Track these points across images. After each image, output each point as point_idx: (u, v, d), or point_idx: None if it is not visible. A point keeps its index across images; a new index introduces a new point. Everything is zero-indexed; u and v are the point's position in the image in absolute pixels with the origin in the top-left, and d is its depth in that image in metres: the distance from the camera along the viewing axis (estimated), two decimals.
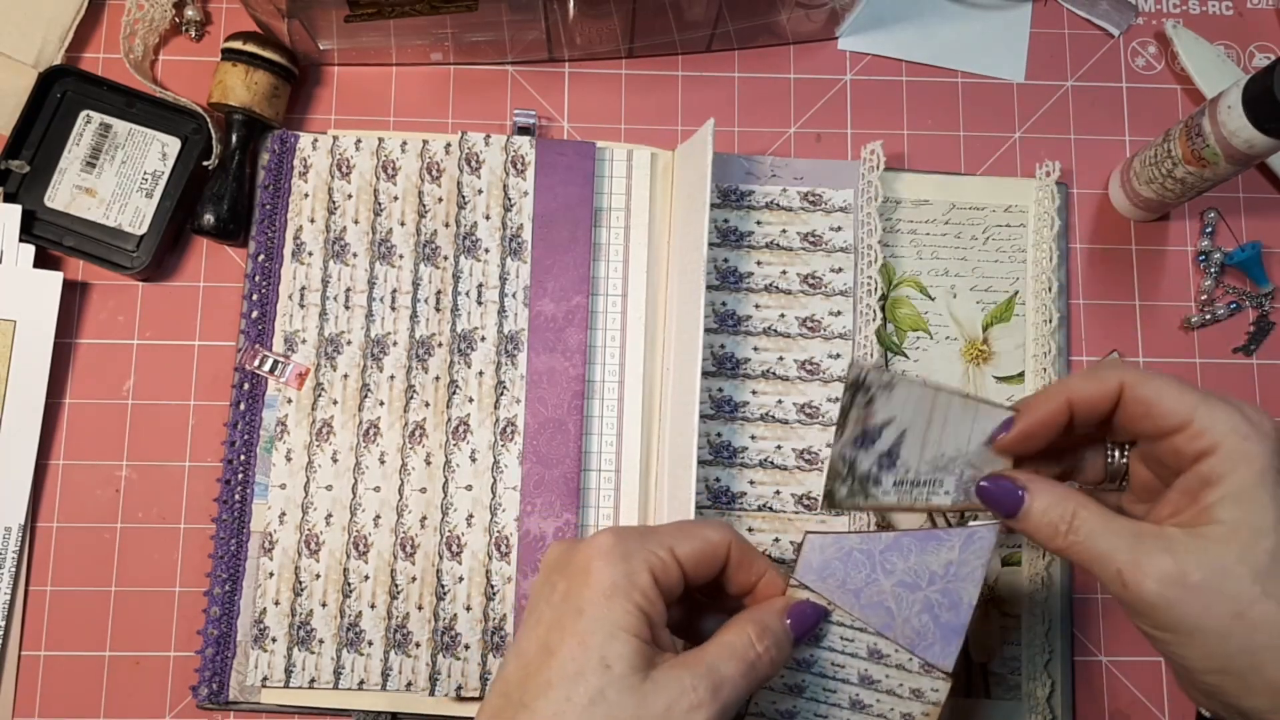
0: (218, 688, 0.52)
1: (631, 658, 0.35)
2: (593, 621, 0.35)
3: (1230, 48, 0.61)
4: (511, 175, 0.56)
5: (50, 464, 0.55)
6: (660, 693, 0.34)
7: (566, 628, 0.35)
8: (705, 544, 0.38)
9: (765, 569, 0.40)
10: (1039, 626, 0.54)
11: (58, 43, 0.57)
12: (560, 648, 0.35)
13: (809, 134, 0.60)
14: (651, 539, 0.37)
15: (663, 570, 0.37)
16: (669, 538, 0.38)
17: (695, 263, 0.53)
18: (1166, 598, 0.34)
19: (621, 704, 0.34)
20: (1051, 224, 0.58)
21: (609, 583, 0.36)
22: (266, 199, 0.57)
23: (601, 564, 0.36)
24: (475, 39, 0.57)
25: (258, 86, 0.55)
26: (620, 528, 0.39)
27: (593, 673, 0.34)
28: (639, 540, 0.37)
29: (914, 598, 0.40)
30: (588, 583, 0.36)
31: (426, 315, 0.56)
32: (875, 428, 0.42)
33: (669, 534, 0.38)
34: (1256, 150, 0.49)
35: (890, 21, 0.61)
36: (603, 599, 0.35)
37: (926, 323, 0.57)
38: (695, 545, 0.38)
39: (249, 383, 0.55)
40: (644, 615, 0.36)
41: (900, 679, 0.41)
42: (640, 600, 0.36)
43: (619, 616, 0.35)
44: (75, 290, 0.57)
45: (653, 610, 0.36)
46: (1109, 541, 0.35)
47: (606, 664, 0.34)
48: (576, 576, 0.36)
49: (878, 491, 0.42)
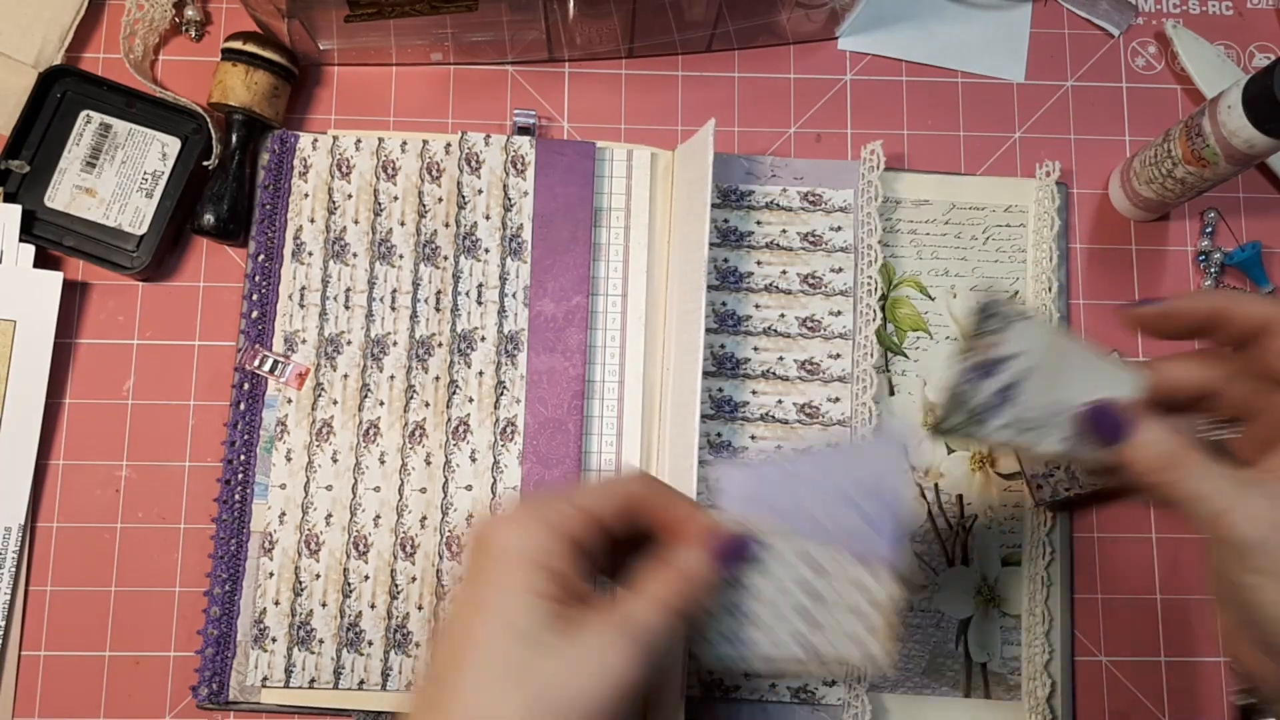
0: (218, 688, 0.52)
1: (546, 620, 0.34)
2: (502, 592, 0.35)
3: (1230, 48, 0.61)
4: (511, 175, 0.56)
5: (50, 464, 0.55)
6: (580, 650, 0.34)
7: (479, 603, 0.35)
8: (617, 494, 0.38)
9: (688, 509, 0.39)
10: (1039, 626, 0.54)
11: (58, 43, 0.57)
12: (475, 623, 0.34)
13: (809, 134, 0.60)
14: (554, 497, 0.37)
15: (570, 527, 0.36)
16: (574, 492, 0.37)
17: (695, 263, 0.53)
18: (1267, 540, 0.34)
19: (541, 668, 0.33)
20: (1051, 224, 0.58)
21: (514, 550, 0.35)
22: (266, 199, 0.57)
23: (505, 533, 0.35)
24: (475, 39, 0.57)
25: (258, 86, 0.55)
26: (526, 496, 0.38)
27: (510, 643, 0.34)
28: (543, 503, 0.37)
29: (844, 510, 0.39)
30: (493, 554, 0.35)
31: (426, 315, 0.56)
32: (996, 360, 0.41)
33: (575, 489, 0.38)
34: (1256, 150, 0.49)
35: (890, 21, 0.61)
36: (510, 568, 0.35)
37: (926, 323, 0.57)
38: (604, 496, 0.37)
39: (249, 383, 0.55)
40: (556, 575, 0.35)
41: (848, 590, 0.40)
42: (549, 562, 0.35)
43: (528, 582, 0.34)
44: (75, 290, 0.57)
45: (565, 568, 0.35)
46: (1211, 483, 0.35)
47: (525, 635, 0.34)
48: (485, 551, 0.36)
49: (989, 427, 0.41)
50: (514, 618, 0.34)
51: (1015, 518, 0.55)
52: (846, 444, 0.40)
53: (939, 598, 0.55)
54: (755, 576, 0.40)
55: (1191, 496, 0.35)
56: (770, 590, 0.40)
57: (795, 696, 0.53)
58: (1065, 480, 0.54)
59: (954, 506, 0.56)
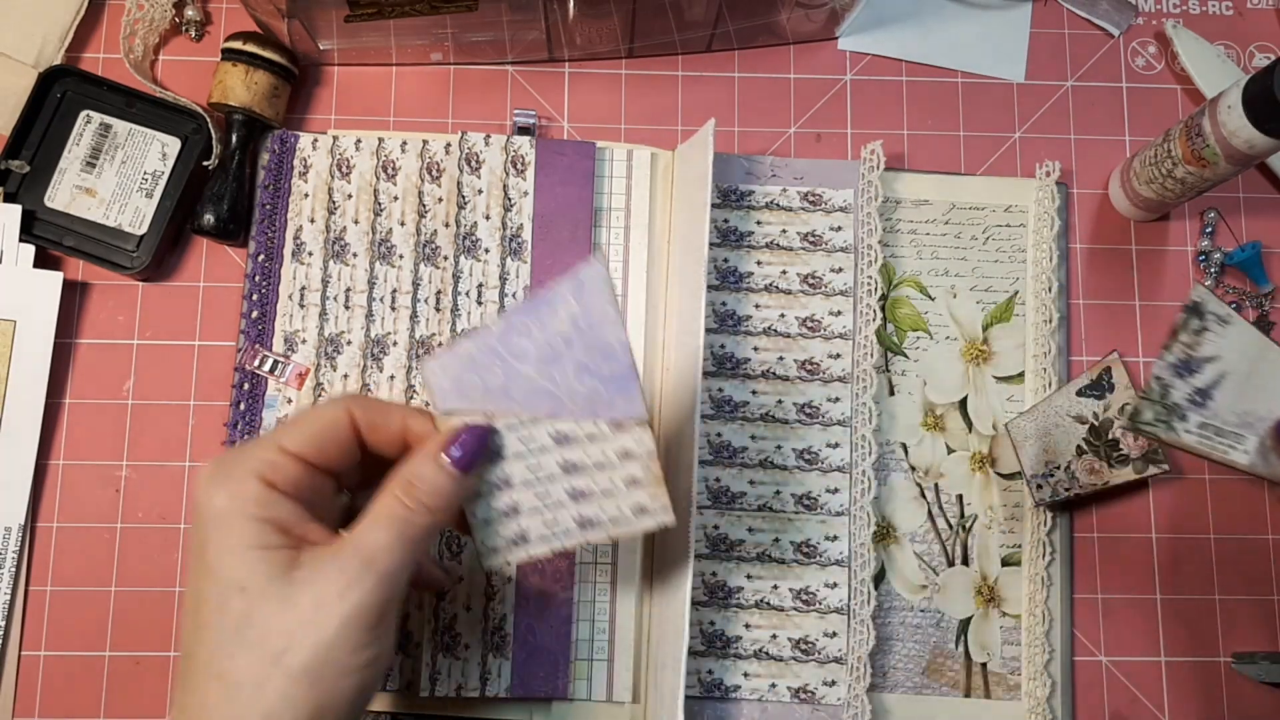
0: None
1: (266, 569, 0.34)
2: (214, 551, 0.34)
3: (1230, 48, 0.61)
4: (511, 175, 0.56)
5: (50, 464, 0.55)
6: (306, 588, 0.33)
7: (199, 566, 0.34)
8: (320, 425, 0.37)
9: (404, 417, 0.38)
10: (1039, 626, 0.54)
11: (58, 43, 0.57)
12: (202, 587, 0.34)
13: (809, 134, 0.60)
14: (255, 445, 0.36)
15: (273, 470, 0.35)
16: (275, 435, 0.36)
17: (695, 263, 0.53)
18: None
19: (267, 617, 0.33)
20: (1051, 224, 0.58)
21: (217, 507, 0.34)
22: (266, 199, 0.57)
23: (206, 491, 0.35)
24: (475, 39, 0.57)
25: (258, 86, 0.55)
26: (224, 452, 0.37)
27: (233, 598, 0.33)
28: (240, 453, 0.36)
29: (562, 368, 0.37)
30: (200, 515, 0.35)
31: (426, 315, 0.56)
32: (1199, 360, 0.40)
33: (276, 432, 0.37)
34: (1256, 150, 0.49)
35: (890, 21, 0.61)
36: (216, 526, 0.34)
37: (926, 323, 0.57)
38: (307, 431, 0.36)
39: (249, 383, 0.55)
40: (266, 523, 0.34)
41: (600, 449, 0.38)
42: (255, 510, 0.34)
43: (238, 536, 0.34)
44: (75, 290, 0.57)
45: (277, 514, 0.35)
46: None
47: (241, 586, 0.33)
48: (194, 515, 0.35)
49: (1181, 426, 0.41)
50: (234, 574, 0.34)
51: (1015, 518, 0.56)
52: (542, 294, 0.36)
53: (939, 598, 0.55)
54: (502, 467, 0.38)
55: None
56: (525, 475, 0.38)
57: (795, 696, 0.53)
58: (1065, 480, 0.54)
59: (954, 506, 0.56)
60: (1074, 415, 0.54)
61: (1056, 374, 0.56)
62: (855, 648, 0.53)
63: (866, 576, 0.54)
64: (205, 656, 0.33)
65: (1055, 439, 0.54)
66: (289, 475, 0.36)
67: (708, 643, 0.53)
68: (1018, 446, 0.55)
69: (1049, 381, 0.56)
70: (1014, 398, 0.57)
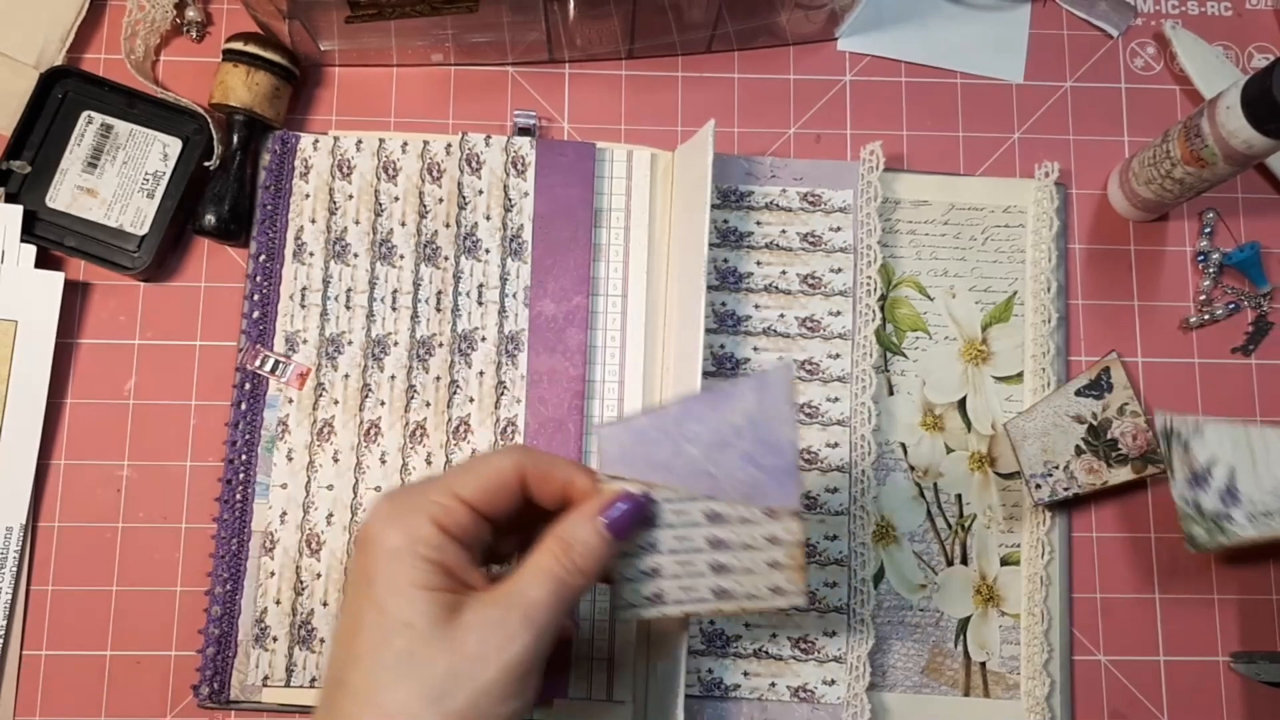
0: (219, 687, 0.52)
1: (431, 610, 0.34)
2: (383, 586, 0.35)
3: (1229, 48, 0.62)
4: (512, 176, 0.57)
5: (51, 464, 0.55)
6: (470, 634, 0.34)
7: (363, 599, 0.35)
8: (491, 475, 0.37)
9: (569, 472, 0.39)
10: (1038, 626, 0.54)
11: (59, 43, 0.58)
12: (363, 619, 0.35)
13: (809, 134, 0.60)
14: (430, 488, 0.37)
15: (446, 515, 0.36)
16: (449, 481, 0.37)
17: (695, 263, 0.53)
18: None
19: (431, 657, 0.34)
20: (1050, 224, 0.58)
21: (391, 545, 0.35)
22: (267, 199, 0.57)
23: (380, 528, 0.36)
24: (476, 40, 0.57)
25: (259, 87, 0.55)
26: (397, 488, 0.38)
27: (397, 635, 0.34)
28: (416, 494, 0.37)
29: (728, 455, 0.39)
30: (371, 550, 0.36)
31: (427, 315, 0.56)
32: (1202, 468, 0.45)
33: (450, 477, 0.37)
34: (1255, 151, 0.49)
35: (890, 22, 0.61)
36: (388, 562, 0.35)
37: (925, 323, 0.57)
38: (480, 480, 0.37)
39: (250, 383, 0.55)
40: (435, 566, 0.35)
41: (749, 531, 0.39)
42: (427, 553, 0.35)
43: (408, 574, 0.35)
44: (76, 290, 0.57)
45: (445, 558, 0.36)
46: None
47: (408, 623, 0.34)
48: (363, 547, 0.36)
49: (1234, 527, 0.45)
50: (401, 612, 0.34)
51: (1014, 517, 0.56)
52: (725, 387, 0.38)
53: (939, 597, 0.55)
54: (653, 534, 0.39)
55: None
56: (672, 543, 0.39)
57: (795, 696, 0.53)
58: (1064, 480, 0.54)
59: (953, 506, 0.56)
60: (1073, 415, 0.55)
61: (1055, 374, 0.56)
62: (855, 647, 0.54)
63: (866, 576, 0.54)
64: (361, 685, 0.34)
65: (1054, 439, 0.54)
66: (459, 521, 0.37)
67: (707, 641, 0.54)
68: (1016, 446, 0.55)
69: (1048, 381, 0.56)
70: (1013, 398, 0.57)
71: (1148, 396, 0.57)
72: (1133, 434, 0.54)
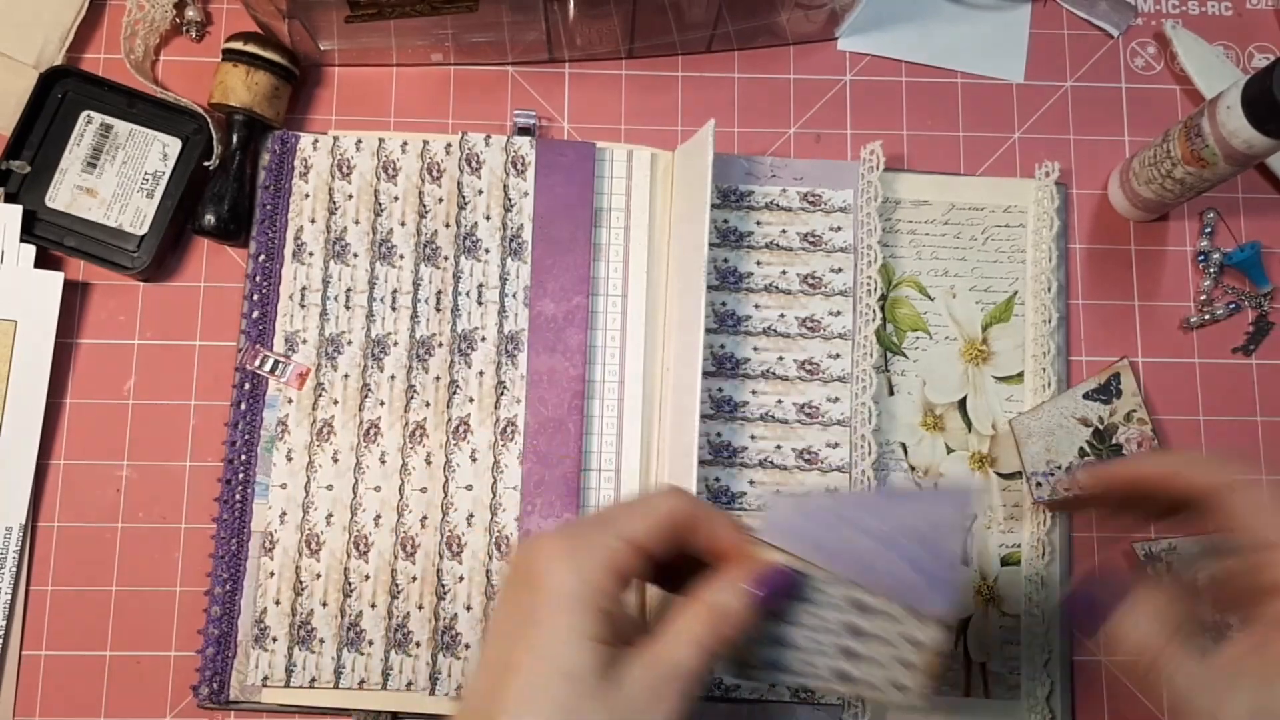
0: (218, 687, 0.52)
1: (593, 664, 0.34)
2: (551, 633, 0.34)
3: (1229, 48, 0.62)
4: (512, 175, 0.57)
5: (51, 464, 0.55)
6: (628, 697, 0.34)
7: (526, 640, 0.35)
8: (659, 518, 0.37)
9: (731, 534, 0.39)
10: (1038, 626, 0.54)
11: (58, 43, 0.57)
12: (522, 661, 0.34)
13: (809, 134, 0.60)
14: (602, 530, 0.36)
15: (619, 563, 0.36)
16: (620, 522, 0.36)
17: (695, 263, 0.53)
18: None
19: (586, 711, 0.33)
20: (1051, 224, 0.58)
21: (565, 591, 0.35)
22: (267, 199, 0.57)
23: (553, 567, 0.35)
24: (475, 39, 0.57)
25: (258, 87, 0.55)
26: (567, 525, 0.37)
27: (556, 685, 0.34)
28: (590, 535, 0.36)
29: (893, 554, 0.38)
30: (542, 591, 0.35)
31: (427, 315, 0.56)
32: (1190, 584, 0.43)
33: (619, 518, 0.37)
34: (1255, 150, 0.49)
35: (890, 22, 0.61)
36: (559, 608, 0.34)
37: (926, 323, 0.57)
38: (648, 523, 0.37)
39: (250, 383, 0.55)
40: (605, 616, 0.35)
41: (891, 627, 0.39)
42: (601, 602, 0.35)
43: (577, 624, 0.34)
44: (76, 290, 0.57)
45: (615, 609, 0.35)
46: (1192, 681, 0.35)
47: (568, 674, 0.34)
48: (532, 585, 0.35)
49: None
50: (563, 661, 0.34)
51: (1014, 517, 0.56)
52: (908, 490, 0.39)
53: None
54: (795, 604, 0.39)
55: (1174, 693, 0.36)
56: (810, 621, 0.39)
57: (795, 696, 0.53)
58: (1065, 480, 0.54)
59: None
60: (1079, 417, 0.55)
61: (1055, 374, 0.56)
62: None
63: None
64: None
65: (1058, 439, 0.54)
66: (628, 569, 0.36)
67: None
68: (1020, 444, 0.55)
69: (1048, 382, 0.56)
70: (1013, 398, 0.57)
71: (1149, 397, 0.57)
72: (1138, 441, 0.54)
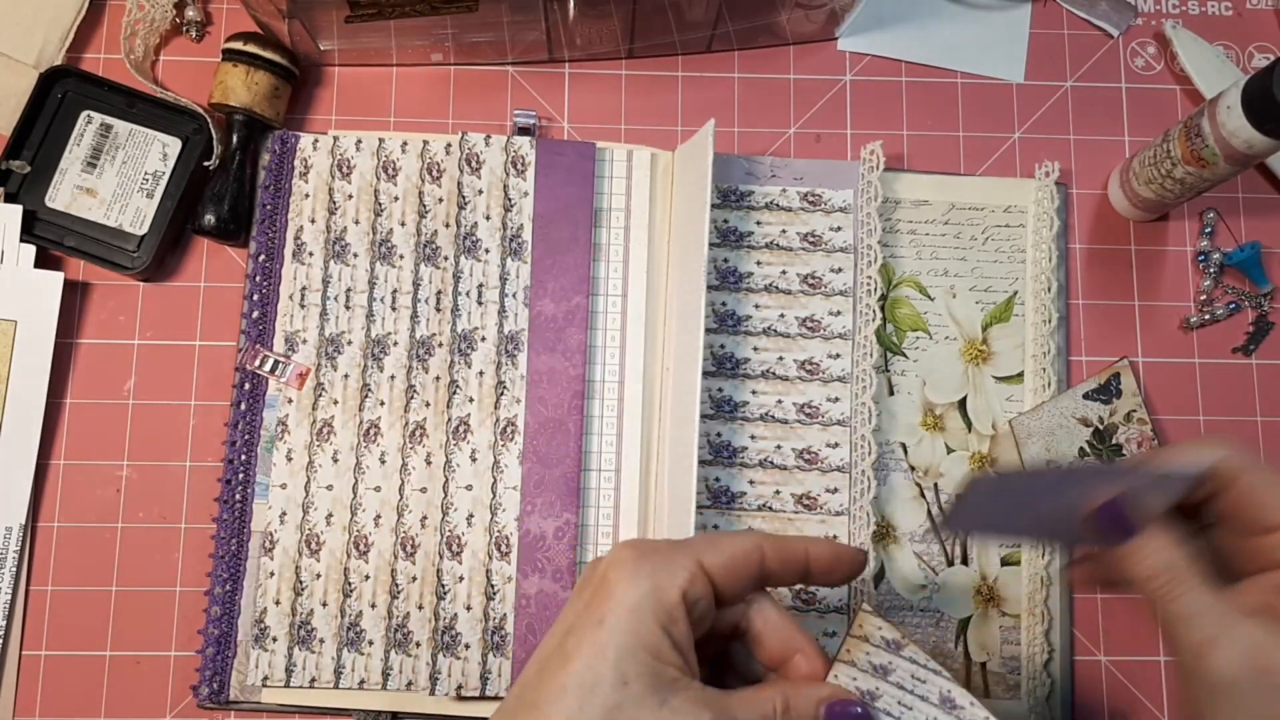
0: (218, 687, 0.52)
1: (649, 678, 0.34)
2: (612, 634, 0.34)
3: (1229, 48, 0.62)
4: (512, 175, 0.57)
5: (51, 464, 0.55)
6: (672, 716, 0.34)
7: (585, 636, 0.35)
8: (737, 554, 0.37)
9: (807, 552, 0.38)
10: (1039, 626, 0.54)
11: (58, 43, 0.57)
12: (577, 655, 0.34)
13: (809, 134, 0.60)
14: (680, 551, 0.36)
15: (692, 585, 0.36)
16: (698, 549, 0.37)
17: (695, 263, 0.53)
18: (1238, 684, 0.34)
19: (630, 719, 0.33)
20: (1051, 224, 0.58)
21: (634, 598, 0.35)
22: (267, 199, 0.57)
23: (627, 576, 0.35)
24: (475, 39, 0.57)
25: (258, 87, 0.55)
26: (643, 541, 0.37)
27: (609, 686, 0.33)
28: (667, 553, 0.36)
29: None
30: (611, 595, 0.35)
31: (427, 315, 0.56)
32: None
33: (698, 545, 0.37)
34: (1256, 150, 0.49)
35: (890, 22, 0.61)
36: (625, 613, 0.34)
37: (926, 323, 0.57)
38: (727, 556, 0.37)
39: (250, 382, 0.55)
40: (667, 636, 0.35)
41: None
42: (665, 619, 0.35)
43: (641, 633, 0.34)
44: (76, 290, 0.57)
45: (677, 631, 0.35)
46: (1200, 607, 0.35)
47: (624, 679, 0.34)
48: (600, 588, 0.35)
49: None
50: (625, 669, 0.34)
51: None
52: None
53: (939, 597, 0.55)
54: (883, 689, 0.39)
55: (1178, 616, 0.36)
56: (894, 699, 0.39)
57: None
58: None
59: None
60: (1079, 418, 0.55)
61: (1056, 374, 0.56)
62: None
63: (866, 576, 0.54)
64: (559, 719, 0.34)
65: (1058, 439, 0.54)
66: (699, 595, 0.36)
67: None
68: (1020, 443, 0.55)
69: (1048, 382, 0.56)
70: (1013, 398, 0.57)
71: (1149, 397, 0.57)
72: (1137, 441, 0.54)
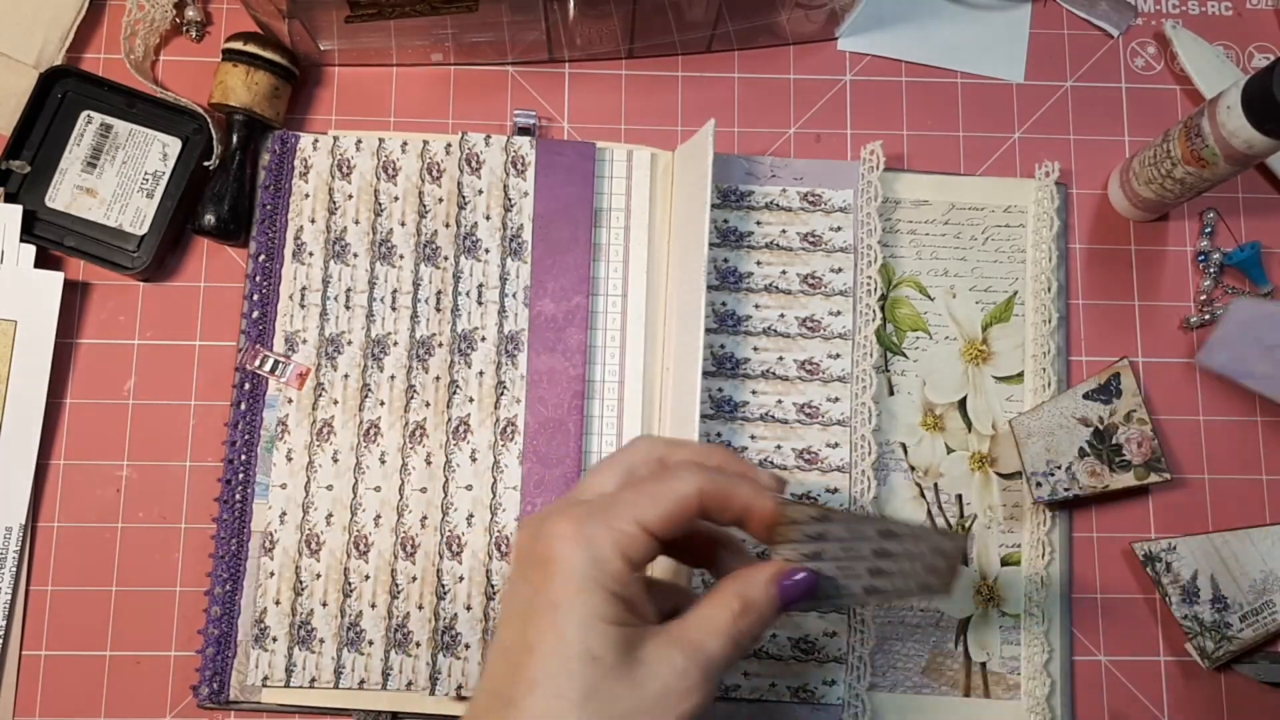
0: (218, 687, 0.52)
1: (616, 645, 0.34)
2: (569, 614, 0.34)
3: (1229, 48, 0.62)
4: (512, 175, 0.57)
5: (51, 464, 0.55)
6: (653, 677, 0.34)
7: (543, 622, 0.34)
8: (674, 503, 0.37)
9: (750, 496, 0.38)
10: (1038, 626, 0.54)
11: (58, 43, 0.57)
12: (540, 643, 0.34)
13: (809, 134, 0.60)
14: (615, 515, 0.36)
15: (632, 546, 0.35)
16: (633, 507, 0.36)
17: (695, 263, 0.53)
18: None
19: (615, 694, 0.33)
20: (1051, 224, 0.58)
21: (579, 574, 0.35)
22: (267, 199, 0.57)
23: (565, 551, 0.35)
24: (475, 39, 0.57)
25: (258, 87, 0.55)
26: (575, 505, 0.37)
27: (580, 666, 0.33)
28: (600, 517, 0.36)
29: None
30: (557, 574, 0.35)
31: (427, 315, 0.56)
32: (1189, 583, 0.51)
33: (633, 502, 0.36)
34: (1255, 150, 0.49)
35: (890, 22, 0.61)
36: (574, 591, 0.34)
37: (926, 323, 0.57)
38: (663, 508, 0.36)
39: (250, 383, 0.55)
40: (621, 600, 0.35)
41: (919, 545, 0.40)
42: (614, 586, 0.35)
43: (595, 607, 0.34)
44: (76, 290, 0.57)
45: (631, 592, 0.35)
46: None
47: (592, 656, 0.34)
48: (545, 568, 0.35)
49: (1233, 633, 0.51)
50: (586, 644, 0.34)
51: (1014, 517, 0.56)
52: None
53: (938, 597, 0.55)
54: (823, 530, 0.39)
55: None
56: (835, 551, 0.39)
57: (795, 696, 0.53)
58: (1065, 480, 0.54)
59: (954, 506, 0.56)
60: (1079, 417, 0.55)
61: (1056, 374, 0.56)
62: (855, 647, 0.53)
63: None
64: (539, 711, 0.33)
65: (1058, 439, 0.54)
66: (643, 552, 0.36)
67: None
68: (1020, 443, 0.55)
69: (1048, 382, 0.56)
70: (1013, 398, 0.57)
71: (1149, 397, 0.57)
72: (1137, 441, 0.54)
